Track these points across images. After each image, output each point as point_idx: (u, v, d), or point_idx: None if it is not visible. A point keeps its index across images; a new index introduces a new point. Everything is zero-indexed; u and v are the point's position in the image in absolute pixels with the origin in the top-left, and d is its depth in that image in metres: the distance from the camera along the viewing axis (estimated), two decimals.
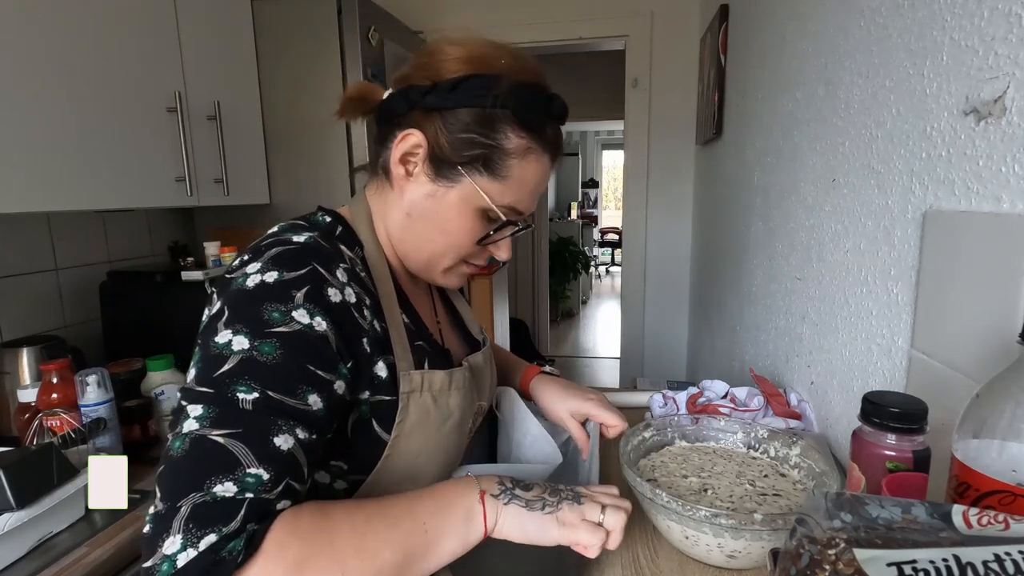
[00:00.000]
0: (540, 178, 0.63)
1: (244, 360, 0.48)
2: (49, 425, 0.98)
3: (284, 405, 0.48)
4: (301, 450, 0.48)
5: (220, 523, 0.42)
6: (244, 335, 0.49)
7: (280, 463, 0.46)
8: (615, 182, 9.48)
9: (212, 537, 0.41)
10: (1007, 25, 0.51)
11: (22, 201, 1.02)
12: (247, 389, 0.47)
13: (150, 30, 1.28)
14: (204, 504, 0.42)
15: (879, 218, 0.74)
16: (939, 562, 0.31)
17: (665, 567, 0.62)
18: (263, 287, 0.51)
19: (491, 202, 0.61)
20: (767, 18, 1.30)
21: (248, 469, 0.44)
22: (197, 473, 0.43)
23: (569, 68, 4.29)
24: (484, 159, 0.59)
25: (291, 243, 0.55)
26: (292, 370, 0.49)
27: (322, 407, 0.50)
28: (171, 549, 0.41)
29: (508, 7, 2.33)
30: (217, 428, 0.45)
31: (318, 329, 0.51)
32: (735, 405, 0.92)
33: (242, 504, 0.43)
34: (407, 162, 0.62)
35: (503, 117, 0.59)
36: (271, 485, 0.45)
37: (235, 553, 0.41)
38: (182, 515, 0.42)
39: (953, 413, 0.43)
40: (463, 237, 0.63)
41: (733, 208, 1.60)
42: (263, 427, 0.46)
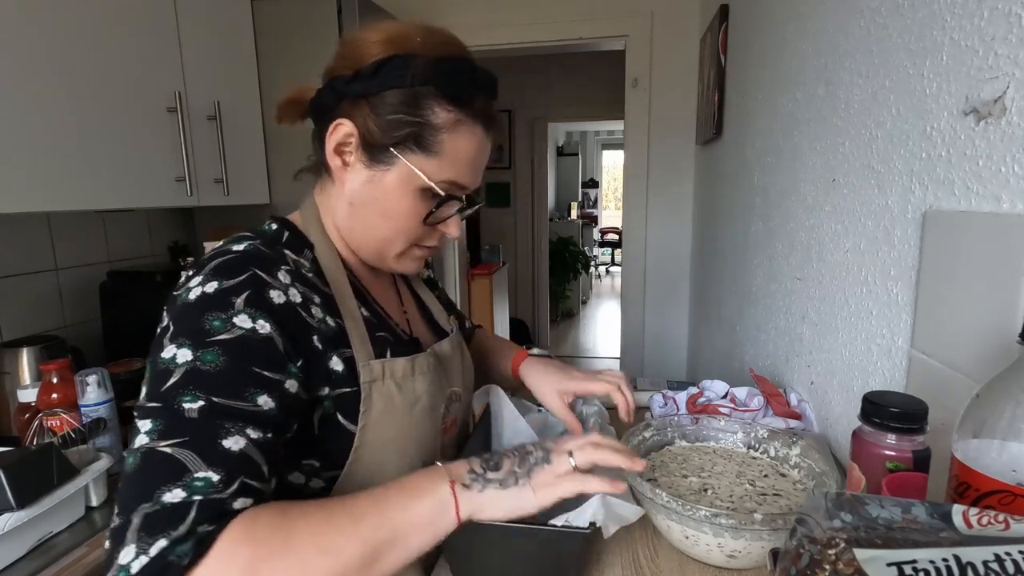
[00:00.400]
0: (476, 150, 0.63)
1: (188, 371, 0.49)
2: (49, 425, 0.98)
3: (231, 408, 0.48)
4: (256, 449, 0.49)
5: (169, 528, 0.43)
6: (187, 347, 0.50)
7: (231, 464, 0.47)
8: (615, 182, 9.48)
9: (162, 543, 0.42)
10: (1007, 25, 0.51)
11: (22, 201, 1.02)
12: (192, 398, 0.48)
13: (150, 30, 1.28)
14: (154, 513, 0.43)
15: (879, 218, 0.74)
16: (939, 562, 0.31)
17: (665, 567, 0.62)
18: (204, 298, 0.52)
19: (428, 179, 0.61)
20: (767, 18, 1.30)
21: (196, 473, 0.45)
22: (147, 484, 0.45)
23: (569, 68, 4.29)
24: (414, 137, 0.60)
25: (231, 252, 0.56)
26: (237, 374, 0.50)
27: (274, 407, 0.51)
28: (125, 559, 0.42)
29: (508, 7, 2.33)
30: (164, 439, 0.46)
31: (261, 332, 0.52)
32: (735, 405, 0.92)
33: (191, 507, 0.44)
34: (342, 152, 0.62)
35: (427, 93, 0.59)
36: (223, 485, 0.46)
37: (183, 556, 0.42)
38: (134, 526, 0.43)
39: (953, 413, 0.43)
40: (407, 219, 0.63)
41: (733, 208, 1.60)
42: (210, 432, 0.47)
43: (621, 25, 2.30)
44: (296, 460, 0.59)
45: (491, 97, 0.64)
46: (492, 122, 0.65)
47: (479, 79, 0.62)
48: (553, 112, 4.60)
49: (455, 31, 0.64)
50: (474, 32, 2.36)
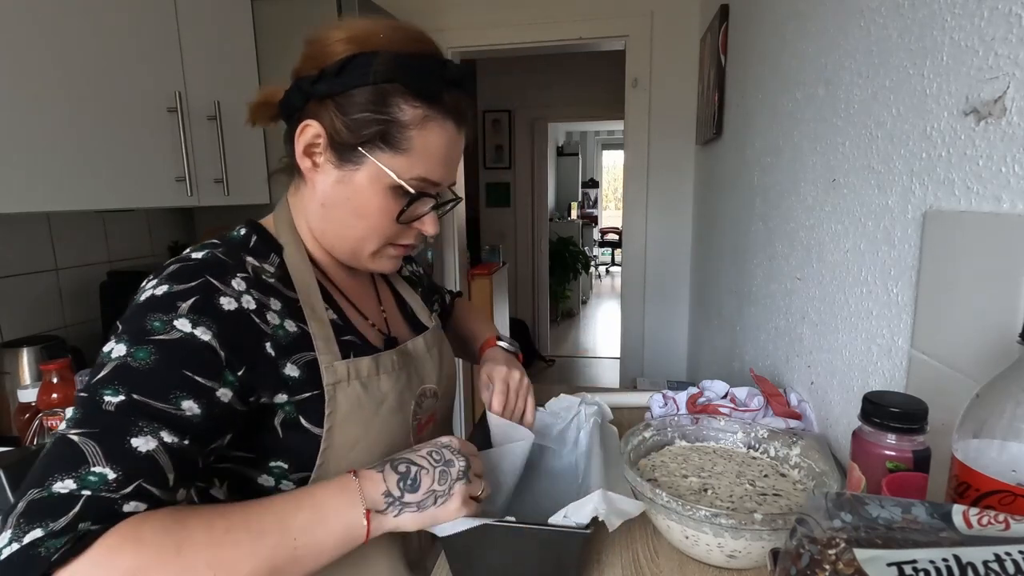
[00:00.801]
0: (447, 146, 0.62)
1: (117, 366, 0.48)
2: (49, 425, 0.98)
3: (150, 408, 0.47)
4: (165, 454, 0.47)
5: (48, 519, 0.41)
6: (124, 343, 0.50)
7: (132, 463, 0.45)
8: (615, 182, 9.48)
9: (37, 532, 0.40)
10: (1007, 25, 0.51)
11: (22, 201, 1.02)
12: (113, 392, 0.47)
13: (150, 30, 1.28)
14: (39, 500, 0.42)
15: (879, 218, 0.74)
16: (939, 562, 0.31)
17: (665, 567, 0.62)
18: (151, 299, 0.52)
19: (398, 177, 0.60)
20: (767, 18, 1.30)
21: (92, 467, 0.43)
22: (44, 471, 0.43)
23: (569, 68, 4.29)
24: (382, 135, 0.59)
25: (189, 260, 0.56)
26: (165, 374, 0.49)
27: (199, 413, 0.50)
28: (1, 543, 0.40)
29: (508, 7, 2.33)
30: (76, 428, 0.45)
31: (201, 338, 0.51)
32: (735, 405, 0.92)
33: (76, 501, 0.42)
34: (311, 154, 0.62)
35: (393, 90, 0.58)
36: (116, 485, 0.44)
37: (52, 551, 0.39)
38: (18, 511, 0.41)
39: (953, 413, 0.43)
40: (380, 218, 0.63)
41: (733, 208, 1.60)
42: (121, 428, 0.46)
43: (621, 25, 2.30)
44: (263, 463, 0.59)
45: (462, 92, 0.63)
46: (464, 117, 0.64)
47: (448, 74, 0.61)
48: (553, 112, 4.60)
49: (455, 31, 0.64)
50: (474, 32, 2.36)
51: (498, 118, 4.61)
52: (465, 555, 0.60)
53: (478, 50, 2.47)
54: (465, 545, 0.58)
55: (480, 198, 4.74)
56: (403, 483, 0.53)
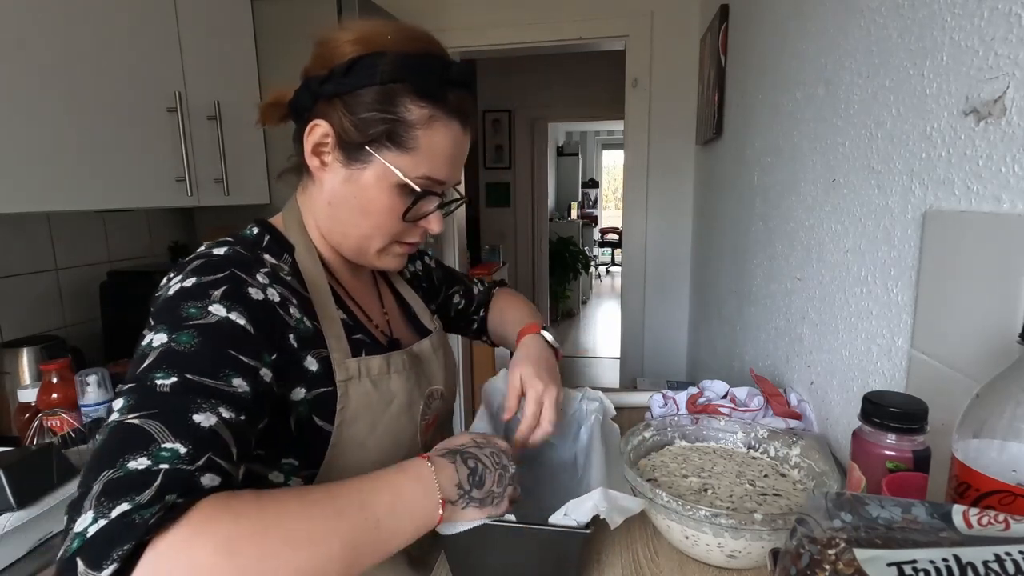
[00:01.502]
0: (452, 145, 0.63)
1: (162, 352, 0.48)
2: (49, 425, 0.98)
3: (204, 385, 0.47)
4: (227, 429, 0.47)
5: (132, 492, 0.39)
6: (163, 331, 0.50)
7: (200, 438, 0.44)
8: (615, 182, 9.48)
9: (124, 506, 0.38)
10: (1007, 25, 0.51)
11: (22, 201, 1.02)
12: (165, 375, 0.47)
13: (150, 30, 1.28)
14: (116, 479, 0.40)
15: (879, 218, 0.74)
16: (939, 562, 0.31)
17: (665, 567, 0.62)
18: (182, 291, 0.52)
19: (404, 175, 0.61)
20: (767, 18, 1.30)
21: (163, 444, 0.43)
22: (111, 455, 0.42)
23: (569, 68, 4.29)
24: (389, 134, 0.60)
25: (211, 255, 0.56)
26: (212, 354, 0.49)
27: (248, 391, 0.50)
28: (81, 526, 0.38)
29: (508, 7, 2.33)
30: (133, 413, 0.44)
31: (237, 322, 0.52)
32: (735, 405, 0.92)
33: (157, 475, 0.41)
34: (320, 153, 0.63)
35: (399, 90, 0.59)
36: (189, 458, 0.43)
37: (147, 518, 0.38)
38: (93, 493, 0.40)
39: (953, 413, 0.43)
40: (386, 216, 0.63)
41: (733, 208, 1.60)
42: (180, 406, 0.45)
43: (621, 25, 2.30)
44: (275, 459, 0.60)
45: (466, 92, 0.64)
46: (468, 117, 0.65)
47: (453, 74, 0.62)
48: (553, 112, 4.60)
49: (455, 31, 0.65)
50: (474, 32, 2.36)
51: (498, 118, 4.61)
52: (466, 554, 0.60)
53: (478, 50, 2.47)
54: (466, 544, 0.58)
55: (480, 198, 4.73)
56: (472, 478, 0.54)
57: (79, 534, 0.38)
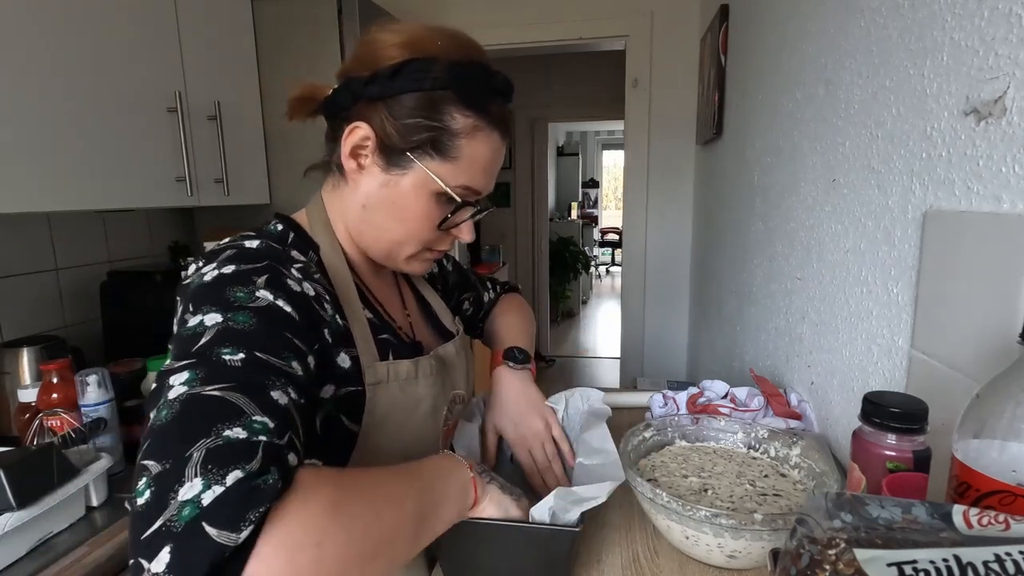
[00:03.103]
0: (491, 155, 0.63)
1: (221, 330, 0.46)
2: (49, 425, 0.98)
3: (272, 364, 0.46)
4: (295, 409, 0.46)
5: (243, 461, 0.38)
6: (215, 312, 0.47)
7: (280, 415, 0.43)
8: (615, 182, 9.48)
9: (238, 473, 0.37)
10: (1007, 25, 0.51)
11: (22, 201, 1.02)
12: (232, 351, 0.45)
13: (150, 30, 1.28)
14: (219, 447, 0.38)
15: (879, 218, 0.74)
16: (939, 562, 0.31)
17: (665, 567, 0.62)
18: (222, 277, 0.50)
19: (444, 185, 0.61)
20: (767, 18, 1.30)
21: (253, 416, 0.41)
22: (202, 423, 0.40)
23: (569, 68, 4.29)
24: (432, 142, 0.59)
25: (245, 247, 0.55)
26: (271, 335, 0.48)
27: (302, 375, 0.49)
28: (190, 493, 0.36)
29: (508, 7, 2.33)
30: (209, 385, 0.42)
31: (284, 308, 0.51)
32: (735, 405, 0.92)
33: (258, 446, 0.39)
34: (358, 155, 0.62)
35: (446, 98, 0.59)
36: (277, 435, 0.42)
37: (272, 482, 0.37)
38: (195, 460, 0.37)
39: (953, 413, 0.43)
40: (421, 223, 0.63)
41: (733, 208, 1.60)
42: (258, 382, 0.44)
43: (621, 25, 2.30)
44: None
45: (507, 101, 0.64)
46: (508, 127, 0.65)
47: (497, 84, 0.62)
48: (553, 112, 4.60)
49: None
50: (474, 32, 2.34)
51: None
52: (455, 554, 0.60)
53: None
54: (455, 544, 0.58)
55: None
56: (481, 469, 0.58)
57: (189, 501, 0.36)
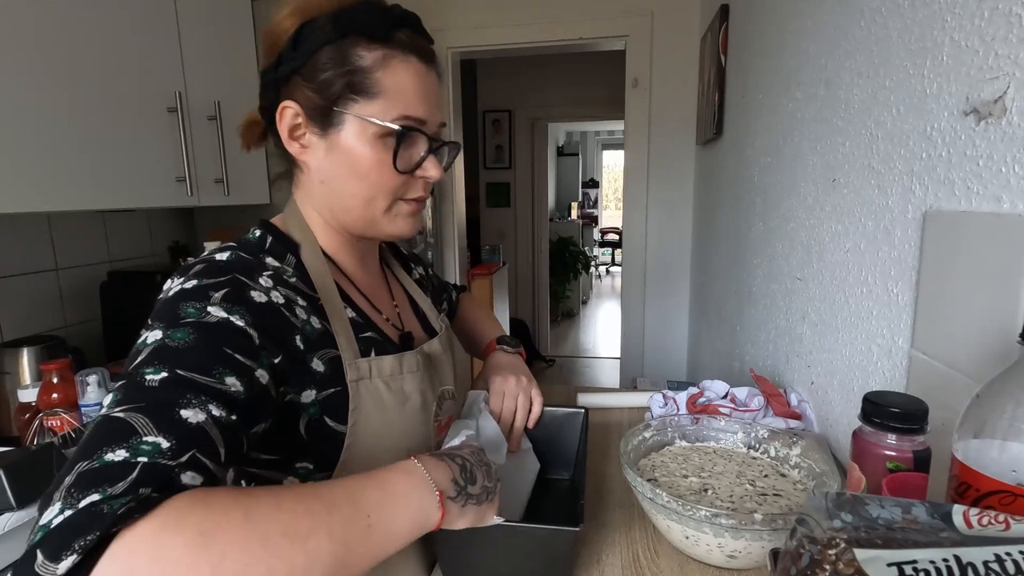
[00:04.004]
0: (417, 81, 0.62)
1: (156, 348, 0.47)
2: (49, 425, 0.98)
3: (195, 382, 0.46)
4: (216, 427, 0.45)
5: (105, 484, 0.37)
6: (158, 329, 0.49)
7: (185, 434, 0.42)
8: (615, 182, 9.48)
9: (94, 496, 0.36)
10: (1007, 25, 0.51)
11: (22, 201, 1.02)
12: (155, 370, 0.45)
13: (150, 30, 1.28)
14: (90, 470, 0.38)
15: (879, 218, 0.74)
16: (939, 562, 0.31)
17: (665, 567, 0.62)
18: (183, 292, 0.52)
19: (380, 121, 0.60)
20: (767, 18, 1.30)
21: (144, 437, 0.41)
22: (90, 446, 0.40)
23: (569, 68, 4.29)
24: (350, 86, 0.60)
25: (214, 260, 0.56)
26: (206, 351, 0.48)
27: (242, 390, 0.48)
28: (47, 518, 0.36)
29: (508, 7, 2.33)
30: (120, 406, 0.43)
31: (236, 323, 0.51)
32: (735, 405, 0.92)
33: (133, 468, 0.39)
34: (297, 136, 0.63)
35: (347, 42, 0.60)
36: (172, 454, 0.41)
37: (117, 507, 0.36)
38: (65, 484, 0.37)
39: (953, 413, 0.43)
40: (379, 171, 0.62)
41: (733, 208, 1.60)
42: (168, 401, 0.44)
43: (621, 25, 2.30)
44: (289, 464, 0.59)
45: (414, 31, 0.63)
46: (426, 54, 0.64)
47: (395, 15, 0.62)
48: (553, 112, 4.60)
49: (455, 31, 0.64)
50: (474, 32, 2.36)
51: (498, 118, 4.61)
52: (455, 554, 0.60)
53: (478, 50, 2.47)
54: (456, 544, 0.58)
55: (480, 198, 4.73)
56: (464, 474, 0.53)
57: (43, 526, 0.35)
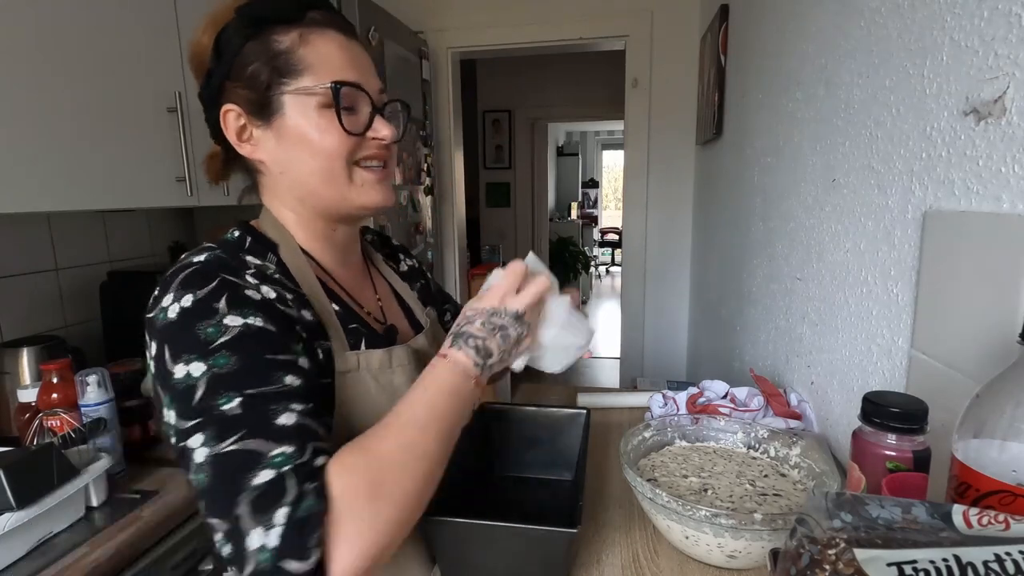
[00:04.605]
0: (340, 50, 0.63)
1: (209, 379, 0.49)
2: (49, 425, 0.97)
3: (267, 394, 0.50)
4: (307, 418, 0.50)
5: (280, 498, 0.44)
6: (196, 360, 0.50)
7: (294, 435, 0.48)
8: (615, 182, 9.47)
9: (284, 510, 0.44)
10: (1007, 25, 0.51)
11: (22, 201, 1.02)
12: (227, 399, 0.49)
13: (150, 30, 1.28)
14: (255, 497, 0.44)
15: (879, 218, 0.74)
16: (939, 562, 0.31)
17: (665, 567, 0.62)
18: (185, 312, 0.52)
19: (312, 90, 0.61)
20: (767, 18, 1.30)
21: (270, 453, 0.46)
22: (232, 482, 0.45)
23: (569, 68, 4.29)
24: (277, 71, 0.61)
25: (193, 264, 0.56)
26: (255, 366, 0.51)
27: (300, 382, 0.53)
28: (256, 543, 0.43)
29: (508, 7, 2.33)
30: (222, 442, 0.47)
31: (257, 324, 0.53)
32: (735, 405, 0.92)
33: (287, 476, 0.45)
34: (245, 138, 0.64)
35: (262, 35, 0.61)
36: (299, 453, 0.47)
37: (313, 507, 0.44)
38: (244, 515, 0.44)
39: (953, 413, 0.43)
40: (328, 139, 0.62)
41: (733, 208, 1.60)
42: (259, 418, 0.48)
43: (621, 25, 2.30)
44: None
45: (326, 10, 0.64)
46: (343, 26, 0.65)
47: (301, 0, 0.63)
48: (553, 112, 4.61)
49: (455, 31, 0.65)
50: (474, 32, 2.36)
51: (498, 118, 4.61)
52: (453, 555, 0.60)
53: (478, 50, 2.47)
54: (453, 545, 0.58)
55: (480, 198, 4.73)
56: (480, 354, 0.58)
57: (260, 548, 0.43)
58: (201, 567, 0.97)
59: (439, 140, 2.50)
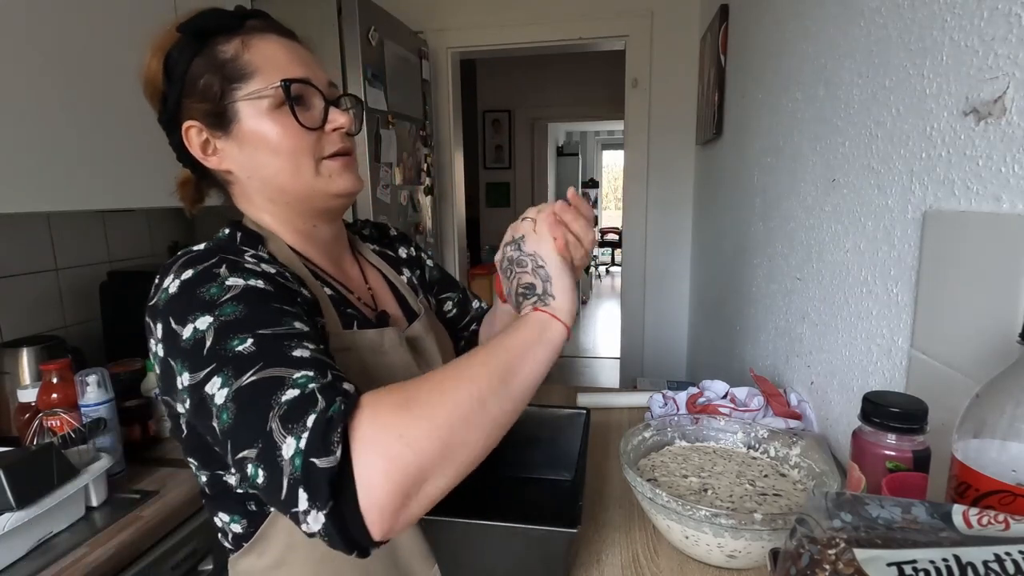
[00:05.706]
0: (285, 50, 0.65)
1: (218, 327, 0.48)
2: (49, 425, 0.97)
3: (278, 333, 0.49)
4: (322, 355, 0.49)
5: (310, 407, 0.42)
6: (202, 315, 0.49)
7: (313, 363, 0.47)
8: (615, 182, 9.48)
9: (313, 415, 0.42)
10: (1007, 25, 0.51)
11: (22, 201, 1.02)
12: (240, 341, 0.47)
13: (150, 30, 1.28)
14: (284, 412, 0.43)
15: (879, 218, 0.74)
16: (939, 562, 0.31)
17: (665, 567, 0.62)
18: (186, 283, 0.52)
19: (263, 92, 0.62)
20: (767, 18, 1.30)
21: (294, 376, 0.45)
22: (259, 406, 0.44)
23: (569, 68, 4.29)
24: (226, 78, 0.62)
25: (193, 251, 0.57)
26: (262, 312, 0.50)
27: (308, 328, 0.51)
28: (289, 450, 0.41)
29: (508, 7, 2.33)
30: (243, 376, 0.45)
31: (258, 285, 0.53)
32: (735, 405, 0.92)
33: (315, 391, 0.44)
34: (209, 152, 0.65)
35: (207, 50, 0.62)
36: (322, 375, 0.46)
37: (340, 408, 0.42)
38: (275, 429, 0.42)
39: (953, 413, 0.43)
40: (288, 136, 0.63)
41: (733, 208, 1.60)
42: (276, 351, 0.47)
43: (621, 25, 2.30)
44: None
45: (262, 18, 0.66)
46: (280, 30, 0.67)
47: (240, 11, 0.65)
48: (553, 112, 4.61)
49: (455, 31, 0.65)
50: (474, 32, 2.36)
51: (498, 118, 4.61)
52: (453, 554, 0.60)
53: (478, 50, 2.47)
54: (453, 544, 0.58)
55: (480, 198, 4.73)
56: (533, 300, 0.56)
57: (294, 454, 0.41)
58: (201, 567, 0.97)
59: (439, 140, 2.50)
